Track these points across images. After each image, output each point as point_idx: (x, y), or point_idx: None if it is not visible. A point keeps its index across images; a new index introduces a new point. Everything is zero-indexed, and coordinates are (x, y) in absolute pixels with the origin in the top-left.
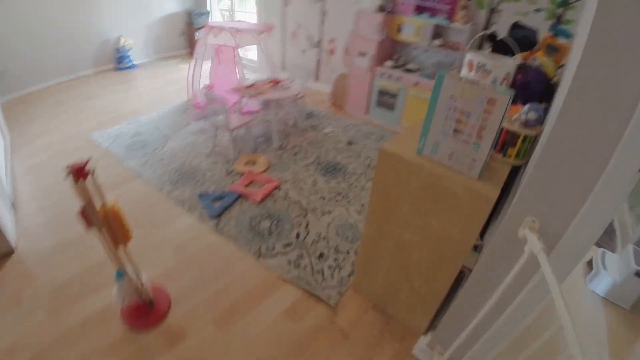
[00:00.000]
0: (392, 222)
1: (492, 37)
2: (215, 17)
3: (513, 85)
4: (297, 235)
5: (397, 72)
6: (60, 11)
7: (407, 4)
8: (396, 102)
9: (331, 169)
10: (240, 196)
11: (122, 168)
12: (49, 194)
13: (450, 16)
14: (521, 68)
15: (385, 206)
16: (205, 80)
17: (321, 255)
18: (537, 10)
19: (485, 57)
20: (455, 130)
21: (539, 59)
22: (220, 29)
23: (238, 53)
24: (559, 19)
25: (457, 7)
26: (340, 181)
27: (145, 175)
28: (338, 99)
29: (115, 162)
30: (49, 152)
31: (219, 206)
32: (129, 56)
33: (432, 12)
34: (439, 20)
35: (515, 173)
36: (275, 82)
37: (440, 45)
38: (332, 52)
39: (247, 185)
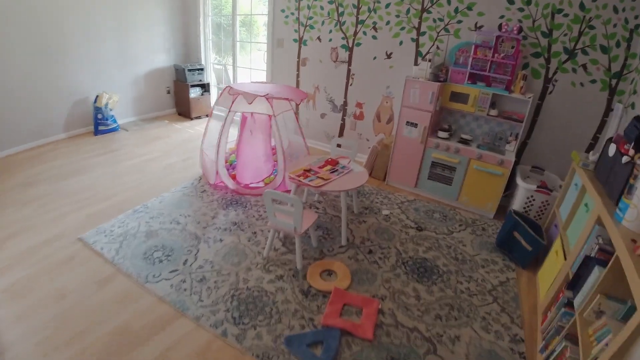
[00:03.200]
0: None
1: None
2: (209, 73)
3: None
4: None
5: (455, 144)
6: (25, 63)
7: (460, 73)
8: (454, 176)
9: (422, 270)
10: (341, 332)
11: (149, 297)
12: (43, 344)
13: (508, 86)
14: None
15: None
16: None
17: None
18: (593, 82)
19: None
20: None
21: None
22: (253, 95)
23: (276, 123)
24: (612, 91)
25: (515, 77)
26: (442, 287)
27: (192, 310)
28: (377, 170)
29: (135, 286)
30: (30, 265)
31: (324, 356)
32: (112, 116)
33: (487, 81)
34: (498, 90)
35: None
36: (333, 163)
37: (497, 116)
38: (358, 116)
39: (341, 313)
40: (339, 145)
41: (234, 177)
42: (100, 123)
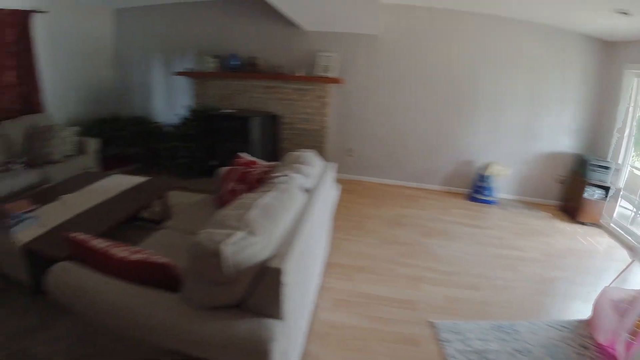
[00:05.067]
0: None
1: None
2: (621, 175)
3: None
4: None
5: None
6: (436, 116)
7: None
8: None
9: None
10: None
11: None
12: None
13: None
14: None
15: None
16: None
17: None
18: None
19: None
20: None
21: None
22: None
23: None
24: None
25: None
26: None
27: None
28: None
29: None
30: (367, 318)
31: None
32: (493, 189)
33: None
34: None
35: None
36: None
37: None
38: None
39: None
40: None
41: (628, 347)
42: (478, 190)
